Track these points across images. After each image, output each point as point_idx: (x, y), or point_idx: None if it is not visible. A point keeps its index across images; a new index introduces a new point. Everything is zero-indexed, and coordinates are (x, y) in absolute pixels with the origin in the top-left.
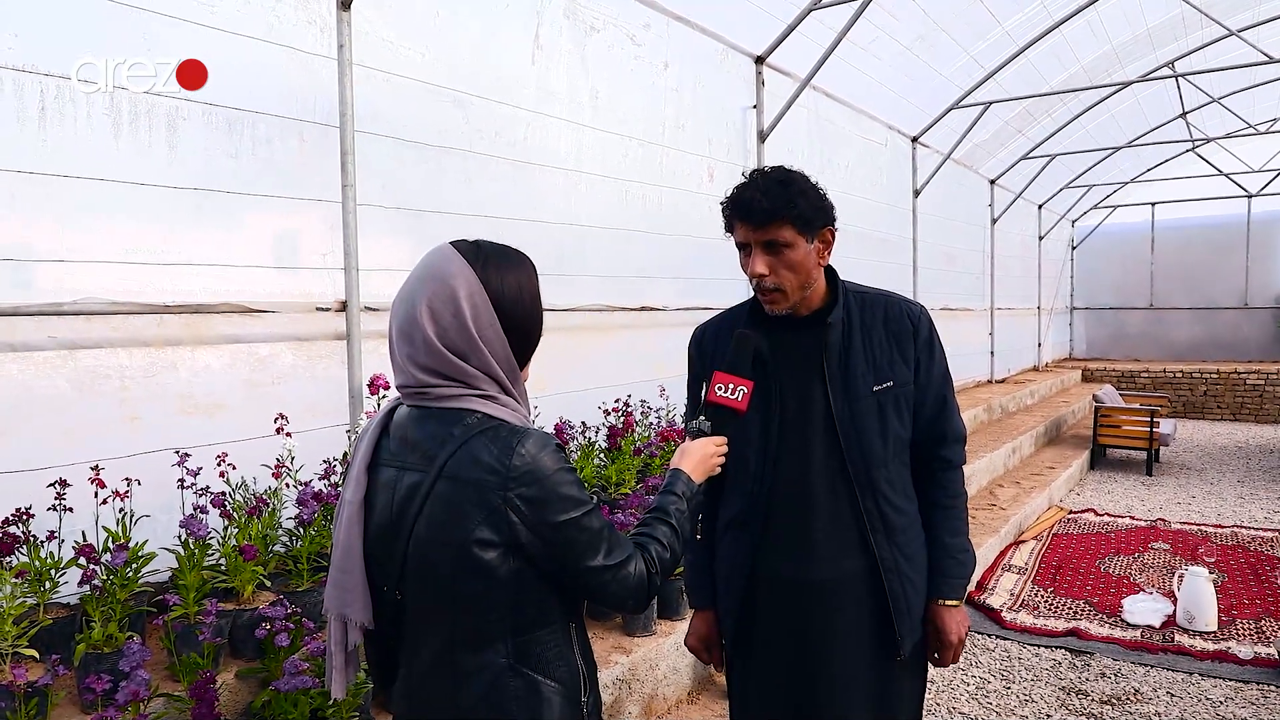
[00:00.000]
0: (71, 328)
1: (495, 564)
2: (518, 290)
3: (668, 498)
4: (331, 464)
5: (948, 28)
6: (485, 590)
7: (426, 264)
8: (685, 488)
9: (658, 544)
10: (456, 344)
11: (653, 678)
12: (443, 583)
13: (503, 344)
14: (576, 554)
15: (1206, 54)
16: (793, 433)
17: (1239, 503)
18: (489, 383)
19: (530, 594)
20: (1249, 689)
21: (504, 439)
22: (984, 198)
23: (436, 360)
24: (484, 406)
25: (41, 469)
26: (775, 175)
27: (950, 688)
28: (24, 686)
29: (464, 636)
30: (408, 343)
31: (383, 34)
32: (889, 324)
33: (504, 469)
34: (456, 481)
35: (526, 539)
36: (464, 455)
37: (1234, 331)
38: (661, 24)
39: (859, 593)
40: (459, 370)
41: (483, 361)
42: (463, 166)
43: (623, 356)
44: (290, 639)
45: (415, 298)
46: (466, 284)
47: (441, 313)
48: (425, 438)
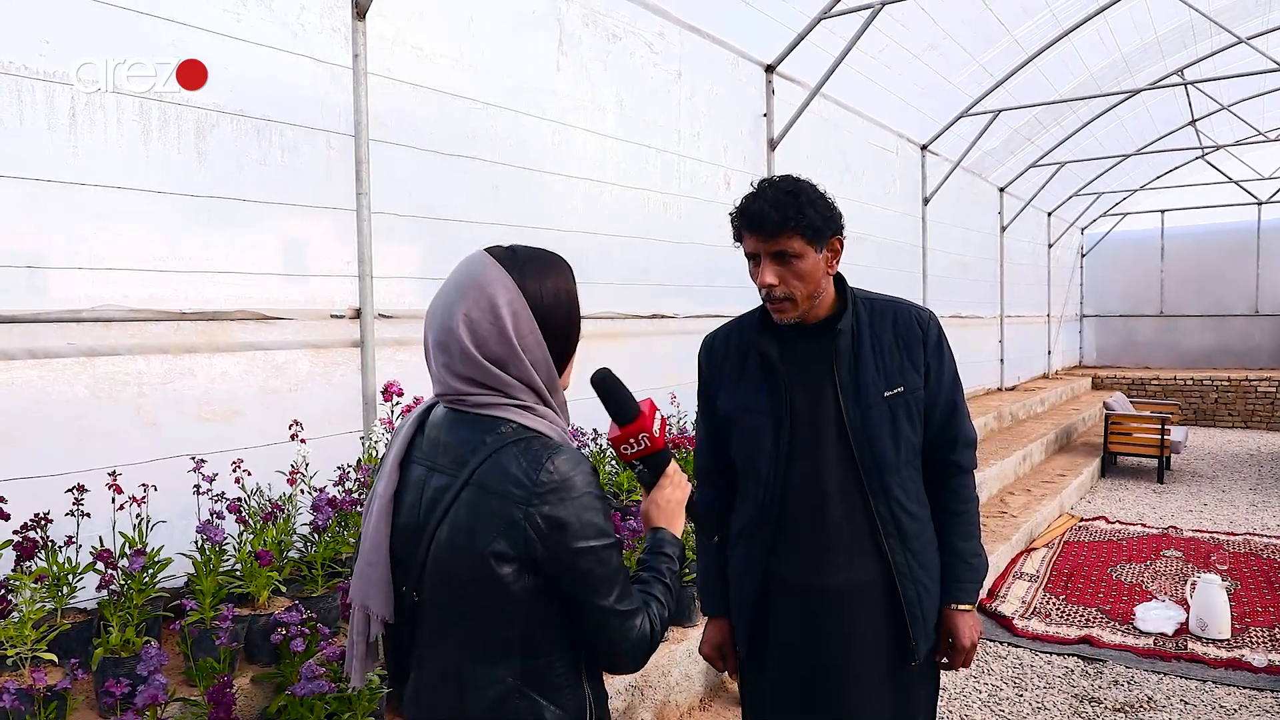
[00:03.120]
0: (90, 334)
1: (510, 579)
2: (555, 294)
3: (659, 558)
4: (345, 470)
5: (957, 36)
6: (498, 605)
7: (462, 272)
8: (673, 548)
9: (658, 602)
10: (496, 353)
11: (665, 684)
12: (458, 591)
13: (543, 350)
14: (588, 587)
15: (1216, 62)
16: (804, 439)
17: (1251, 510)
18: (527, 392)
19: (543, 615)
20: (1263, 697)
21: (535, 452)
22: (993, 205)
23: (475, 370)
24: (520, 417)
25: (60, 474)
26: (784, 185)
27: (963, 695)
28: (43, 690)
29: (474, 649)
30: (444, 353)
31: (411, 42)
32: (898, 330)
33: (530, 483)
34: (483, 490)
35: (543, 558)
36: (493, 465)
37: (1245, 339)
38: (674, 33)
39: (873, 598)
40: (497, 379)
41: (522, 370)
42: (487, 175)
43: (635, 363)
44: (306, 644)
45: (452, 308)
46: (505, 291)
47: (480, 322)
48: (458, 442)
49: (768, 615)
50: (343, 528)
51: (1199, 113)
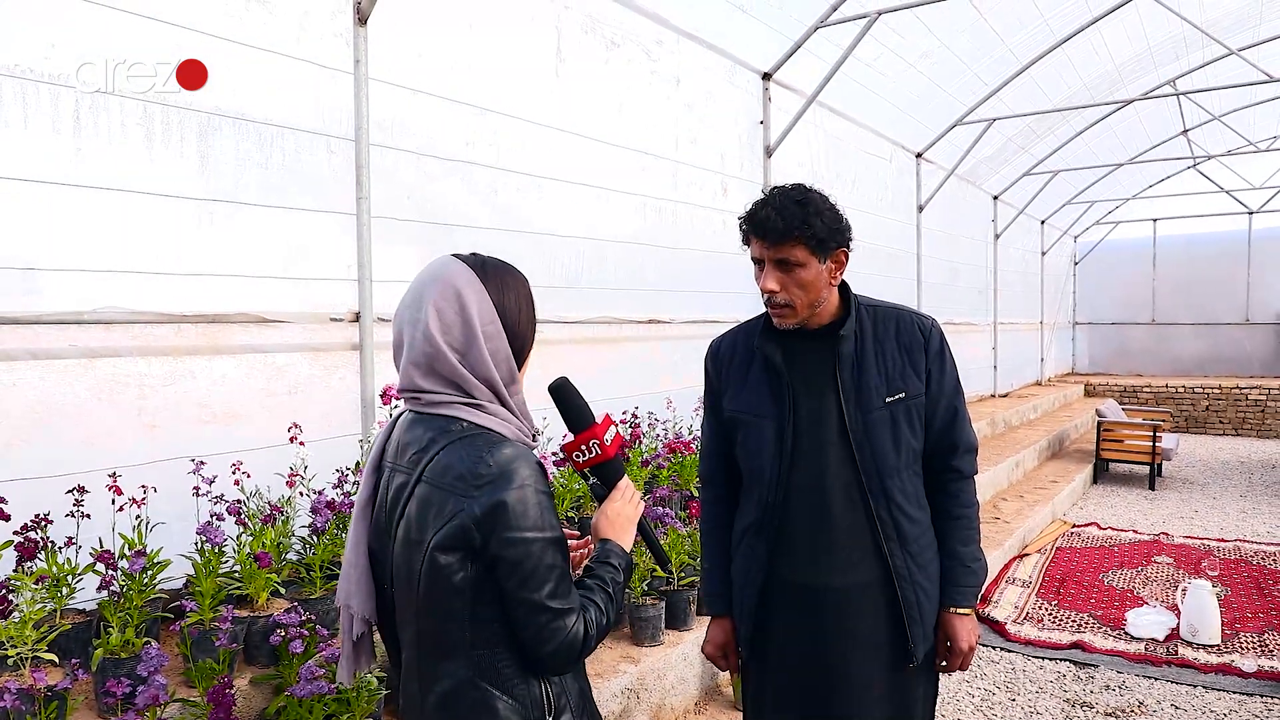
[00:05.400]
0: (92, 336)
1: (452, 570)
2: (516, 299)
3: (604, 568)
4: (344, 473)
5: (953, 45)
6: (444, 598)
7: (429, 269)
8: (619, 560)
9: (596, 608)
10: (457, 341)
11: (660, 687)
12: (413, 586)
13: (502, 341)
14: (519, 579)
15: (1207, 73)
16: (807, 442)
17: (1241, 517)
18: (481, 389)
19: (489, 607)
20: (1252, 702)
21: (478, 447)
22: (987, 213)
23: (434, 358)
24: (471, 415)
25: (61, 475)
26: (794, 195)
27: (955, 700)
28: (44, 690)
29: (428, 643)
30: (409, 341)
31: (411, 48)
32: (901, 336)
33: (471, 475)
34: (430, 486)
35: (480, 546)
36: (440, 460)
37: (1236, 347)
38: (672, 40)
39: (873, 600)
40: (454, 370)
41: (481, 361)
42: (486, 179)
43: (630, 368)
44: (304, 645)
45: (421, 300)
46: (470, 283)
47: (445, 310)
48: (413, 441)
49: (769, 615)
50: (341, 530)
51: (1190, 123)
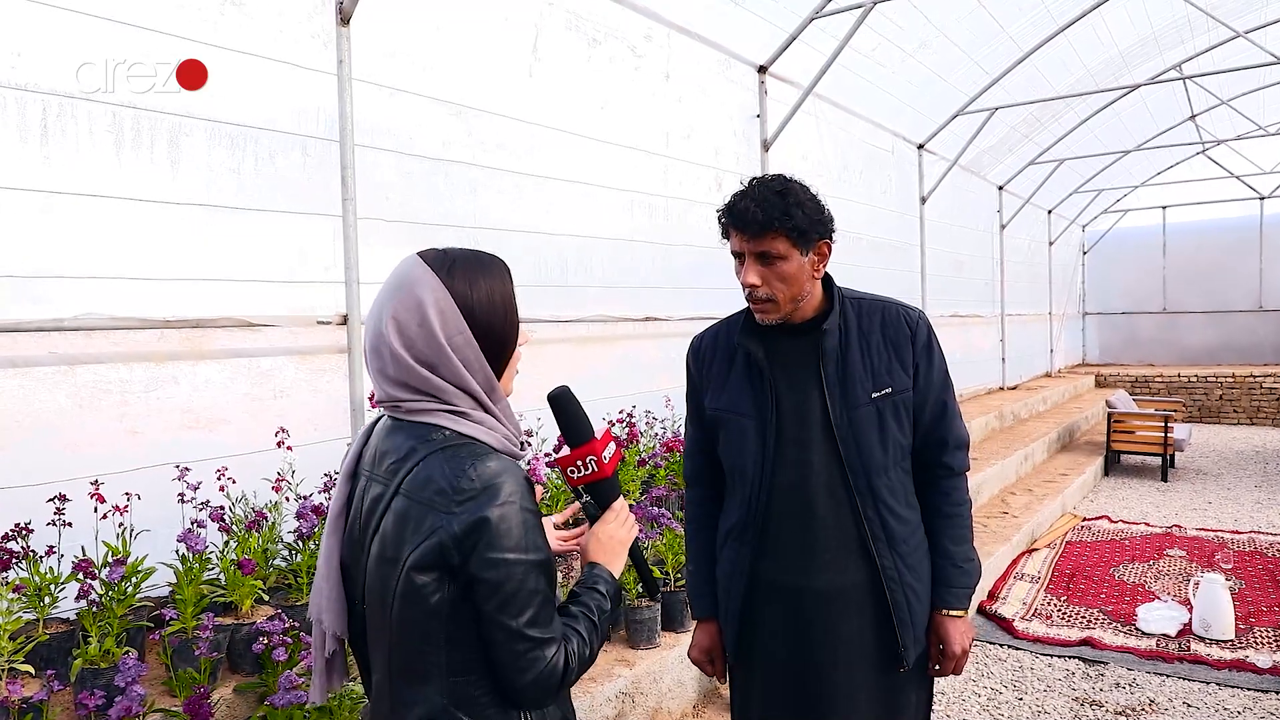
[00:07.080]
0: (72, 343)
1: (429, 590)
2: (488, 295)
3: (591, 594)
4: (331, 477)
5: (951, 34)
6: (420, 619)
7: (393, 275)
8: (607, 587)
9: (580, 639)
10: (424, 354)
11: (657, 690)
12: (386, 604)
13: (475, 352)
14: (498, 602)
15: (1214, 56)
16: (790, 441)
17: (1256, 508)
18: (461, 396)
19: (467, 631)
20: (1268, 699)
21: (460, 459)
22: (992, 203)
23: (405, 373)
24: (453, 423)
25: (41, 484)
26: (774, 185)
27: (961, 699)
28: (19, 702)
29: (400, 665)
30: (376, 356)
31: (385, 48)
32: (886, 330)
33: (451, 490)
34: (408, 499)
35: (458, 566)
36: (419, 472)
37: (1249, 335)
38: (662, 35)
39: (860, 602)
40: (427, 383)
41: (453, 372)
42: (467, 178)
43: (627, 367)
44: (288, 653)
45: (382, 311)
46: (432, 291)
47: (407, 323)
48: (392, 450)
49: (755, 618)
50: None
51: (1198, 108)
